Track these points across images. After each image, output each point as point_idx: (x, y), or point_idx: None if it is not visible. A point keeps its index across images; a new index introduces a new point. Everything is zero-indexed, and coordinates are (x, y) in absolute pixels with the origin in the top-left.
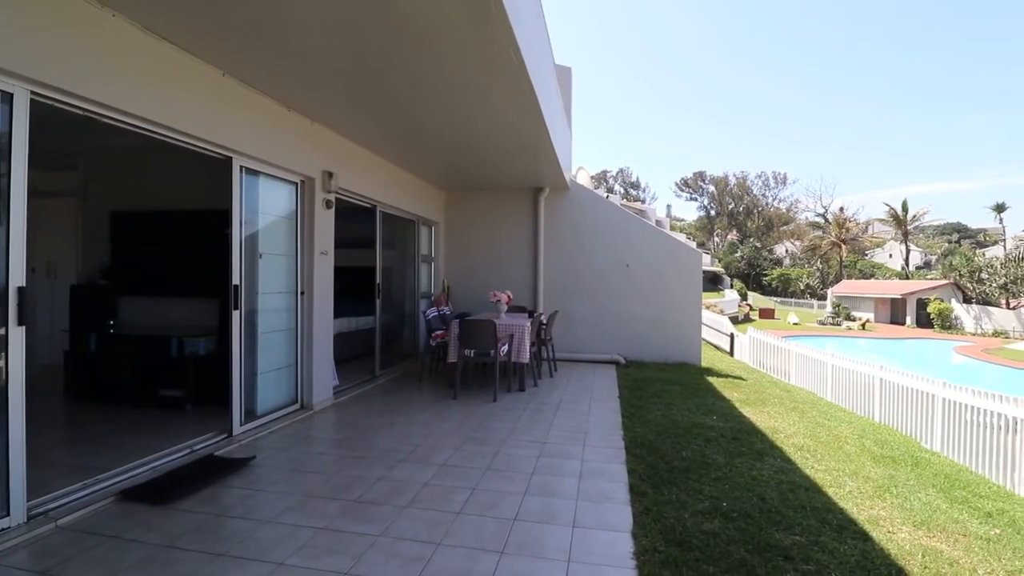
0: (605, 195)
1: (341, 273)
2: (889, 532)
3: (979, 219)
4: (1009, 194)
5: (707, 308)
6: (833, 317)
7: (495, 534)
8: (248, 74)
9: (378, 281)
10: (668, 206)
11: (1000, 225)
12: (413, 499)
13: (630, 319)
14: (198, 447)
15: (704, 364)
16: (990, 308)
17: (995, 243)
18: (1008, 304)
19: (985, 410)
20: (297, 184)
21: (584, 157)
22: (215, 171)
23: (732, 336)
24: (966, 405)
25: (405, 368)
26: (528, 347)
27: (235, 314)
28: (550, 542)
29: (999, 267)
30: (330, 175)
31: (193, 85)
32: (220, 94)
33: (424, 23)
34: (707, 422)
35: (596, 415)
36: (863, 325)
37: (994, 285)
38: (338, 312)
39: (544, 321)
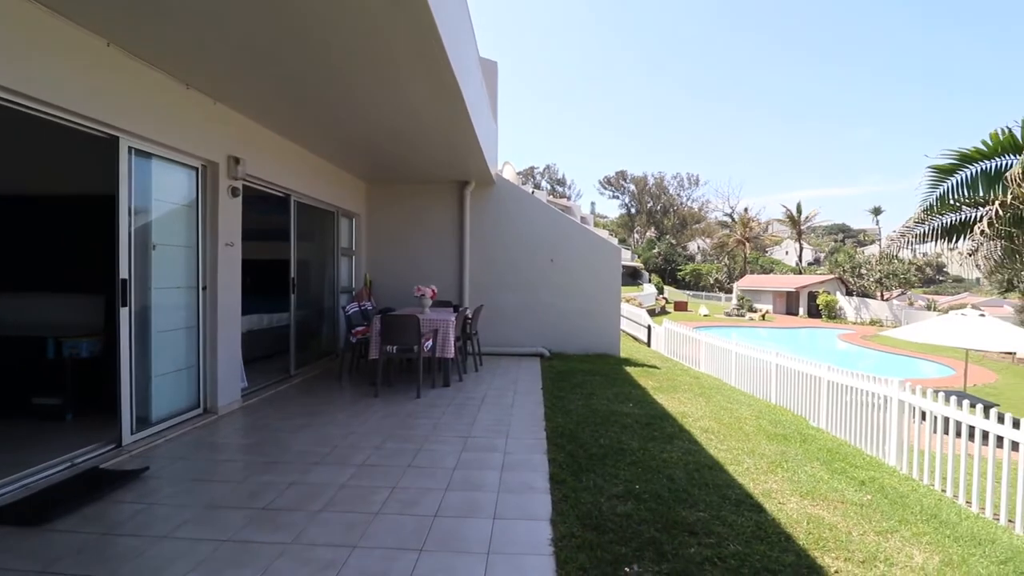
0: (531, 191)
1: (251, 266)
2: (780, 503)
3: (860, 221)
4: (885, 199)
5: (627, 301)
6: (738, 309)
7: (415, 532)
8: (138, 45)
9: (293, 275)
10: (592, 203)
11: (877, 226)
12: (329, 502)
13: (554, 312)
14: (80, 460)
15: (623, 355)
16: (868, 300)
17: (872, 242)
18: (882, 296)
19: (861, 390)
20: (198, 169)
21: (512, 153)
22: (100, 152)
23: (649, 328)
24: (846, 386)
25: (324, 367)
26: (453, 342)
27: (123, 311)
28: (471, 536)
29: (875, 264)
30: (237, 160)
31: (70, 54)
32: (104, 66)
33: None
34: (624, 410)
35: (520, 407)
36: (763, 316)
37: (871, 279)
38: (248, 308)
39: (469, 315)
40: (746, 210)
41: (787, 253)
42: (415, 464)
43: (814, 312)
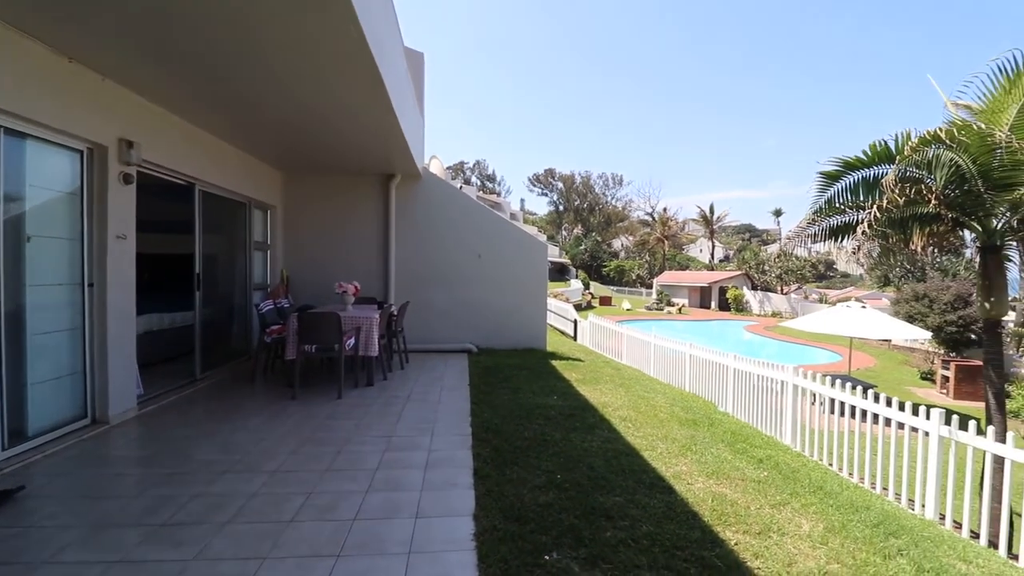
0: (460, 186)
1: (150, 261)
2: (688, 484)
3: (764, 221)
4: (786, 202)
5: (555, 297)
6: (657, 303)
7: (332, 537)
8: (10, 12)
9: (198, 271)
10: (522, 200)
11: (778, 227)
12: (237, 513)
13: (482, 308)
14: None
15: (550, 349)
16: (770, 294)
17: (774, 241)
18: (782, 290)
19: (761, 376)
20: (83, 152)
21: (442, 148)
22: None
23: (575, 322)
24: (748, 373)
25: (235, 369)
26: (377, 340)
27: None
28: (392, 536)
29: (775, 261)
30: (130, 144)
31: None
32: None
33: None
34: (549, 402)
35: (446, 404)
36: (680, 309)
37: (773, 275)
38: (145, 307)
39: (395, 312)
40: (665, 210)
41: (701, 251)
42: (334, 467)
43: (724, 306)
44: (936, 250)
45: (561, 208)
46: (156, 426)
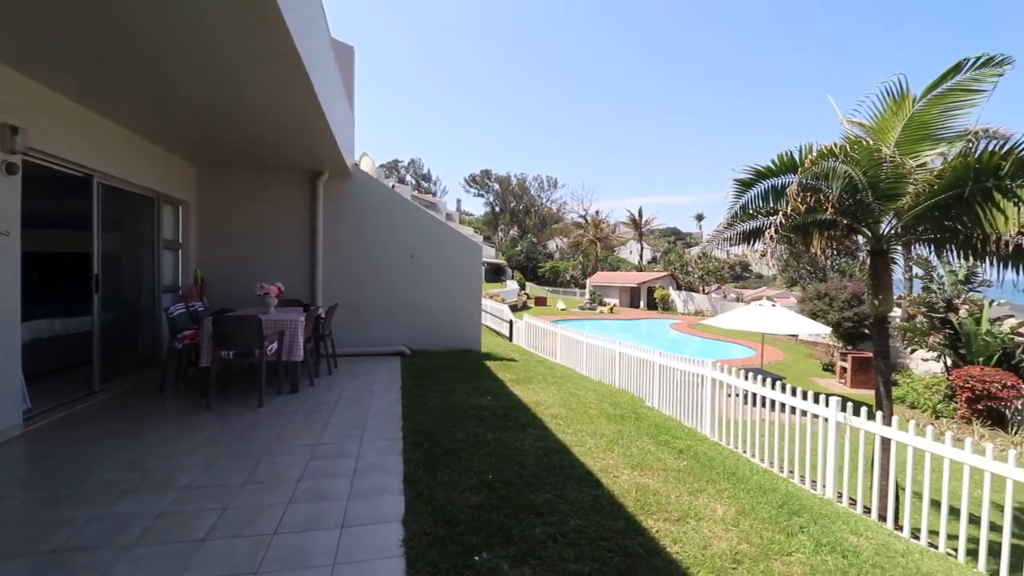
0: (393, 185)
1: (40, 261)
2: (615, 477)
3: (688, 225)
4: (706, 207)
5: (491, 297)
6: (590, 303)
7: (250, 554)
8: None
9: (97, 271)
10: (458, 200)
11: (700, 230)
12: (143, 535)
13: (416, 309)
14: None
15: (485, 349)
16: (694, 293)
17: (697, 244)
18: (704, 290)
19: (684, 371)
20: None
21: (375, 145)
22: None
23: (511, 323)
24: (672, 369)
25: (141, 379)
26: (302, 344)
27: None
28: (316, 548)
29: (697, 263)
30: (13, 130)
31: None
32: None
33: None
34: (482, 403)
35: (377, 409)
36: (611, 309)
37: (695, 276)
38: (33, 312)
39: (322, 314)
40: (597, 213)
41: (631, 252)
42: (254, 480)
43: (652, 305)
44: (835, 253)
45: (497, 209)
46: (46, 443)
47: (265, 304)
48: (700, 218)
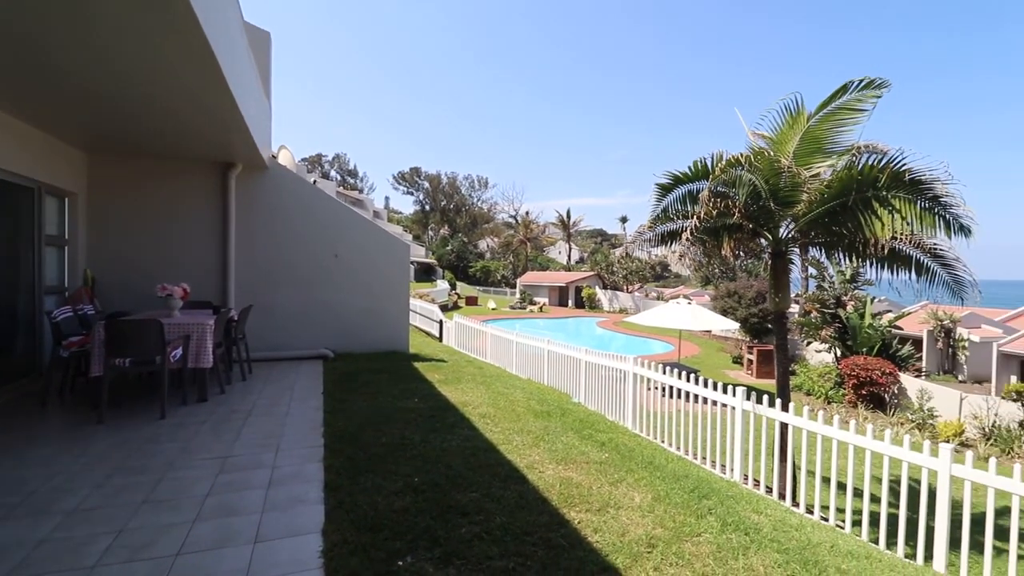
0: (314, 180)
1: None
2: (540, 472)
3: (613, 227)
4: (630, 210)
5: (420, 297)
6: (520, 302)
7: None
8: None
9: None
10: (387, 198)
11: (624, 232)
12: (18, 567)
13: (340, 310)
14: None
15: (413, 350)
16: (618, 292)
17: (621, 245)
18: (628, 289)
19: (608, 367)
20: None
21: (298, 139)
22: None
23: (441, 323)
24: (597, 365)
25: (18, 391)
26: (212, 349)
27: None
28: (224, 567)
29: (621, 263)
30: None
31: None
32: None
33: None
34: (409, 405)
35: (295, 416)
36: (541, 308)
37: (620, 276)
38: None
39: (235, 317)
40: (527, 213)
41: (560, 253)
42: (153, 498)
43: (580, 304)
44: (743, 254)
45: (427, 208)
46: None
47: (168, 307)
48: (624, 220)
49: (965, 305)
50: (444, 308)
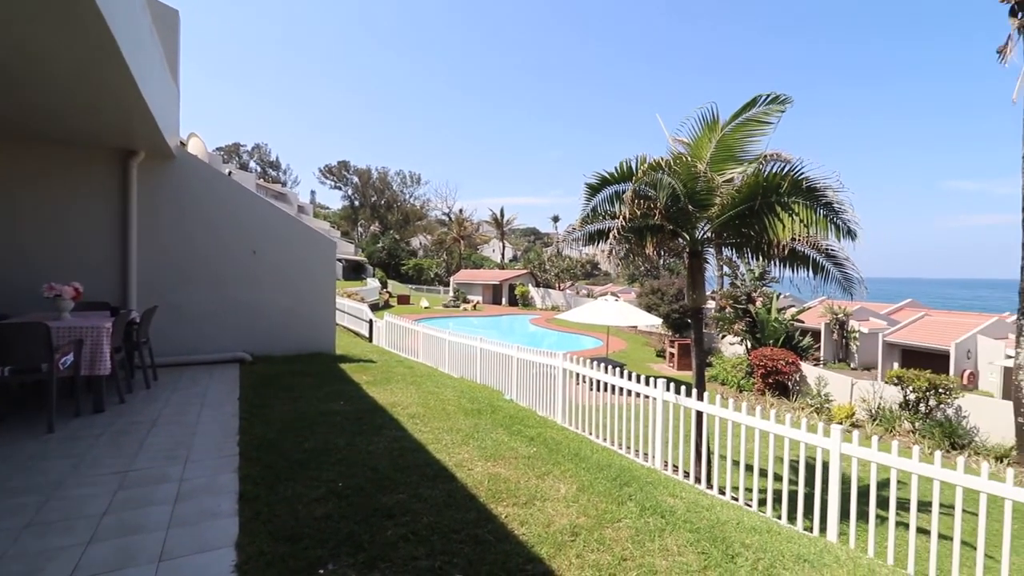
0: (229, 172)
1: None
2: (469, 470)
3: (546, 226)
4: (564, 209)
5: (349, 296)
6: (454, 301)
7: None
8: None
9: None
10: (312, 192)
11: (556, 231)
12: None
13: (259, 311)
14: None
15: (340, 352)
16: (551, 290)
17: (553, 244)
18: (560, 287)
19: (538, 363)
20: None
21: (216, 128)
22: None
23: (371, 322)
24: (530, 362)
25: None
26: (109, 354)
27: None
28: None
29: (553, 261)
30: None
31: None
32: None
33: None
34: (334, 408)
35: (207, 424)
36: (475, 306)
37: (552, 274)
38: None
39: (137, 319)
40: (461, 211)
41: (494, 251)
42: (40, 520)
43: (513, 301)
44: (665, 253)
45: (357, 203)
46: None
47: (57, 308)
48: (556, 219)
49: (855, 300)
50: (374, 307)
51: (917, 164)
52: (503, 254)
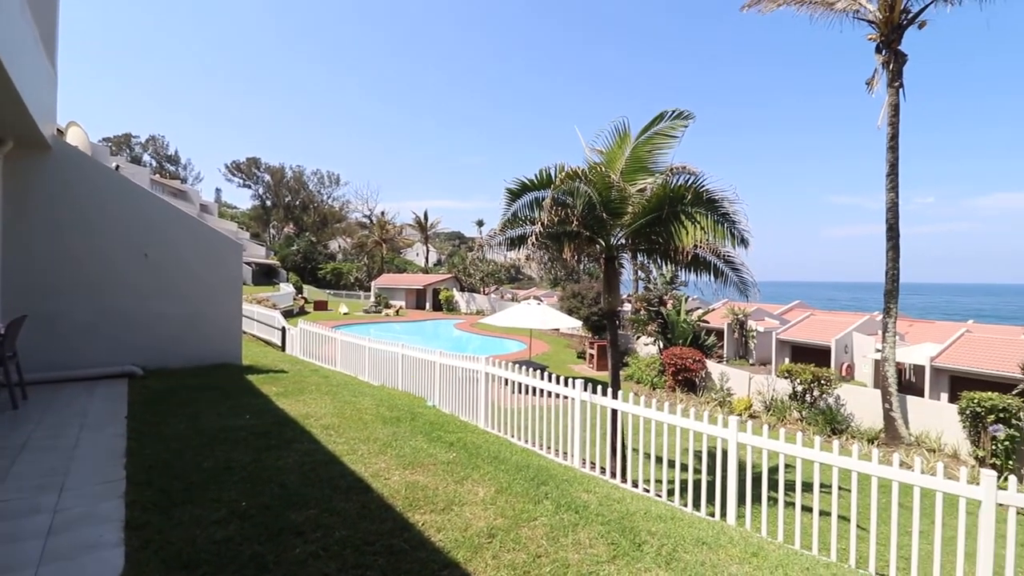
0: (116, 166)
1: None
2: (386, 479)
3: (470, 230)
4: (487, 214)
5: (259, 303)
6: (376, 306)
7: None
8: None
9: None
10: (218, 190)
11: (480, 235)
12: None
13: (152, 320)
14: None
15: (248, 362)
16: (475, 294)
17: (476, 248)
18: (484, 291)
19: (462, 368)
20: None
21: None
22: None
23: (284, 330)
24: (453, 367)
25: None
26: None
27: None
28: None
29: (477, 265)
30: None
31: None
32: None
33: None
34: (238, 423)
35: (87, 447)
36: (397, 311)
37: (477, 278)
38: None
39: (1, 330)
40: (383, 213)
41: (417, 255)
42: None
43: (438, 306)
44: (583, 259)
45: (269, 203)
46: None
47: None
48: (481, 224)
49: (750, 301)
50: (288, 314)
51: (805, 179)
52: (427, 258)
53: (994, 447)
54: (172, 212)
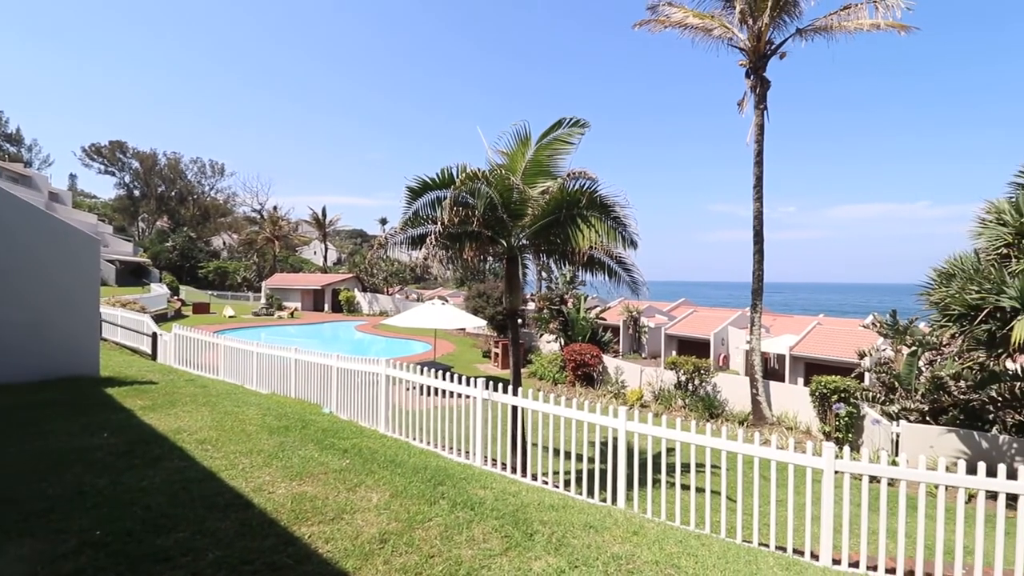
0: None
1: None
2: (270, 493)
3: (373, 228)
4: (391, 212)
5: (124, 306)
6: (267, 308)
7: None
8: None
9: None
10: (73, 176)
11: (383, 234)
12: None
13: None
14: None
15: (107, 373)
16: (379, 295)
17: (379, 246)
18: (388, 291)
19: (361, 372)
20: None
21: None
22: None
23: (155, 336)
24: (351, 371)
25: None
26: None
27: None
28: None
29: (381, 264)
30: None
31: None
32: None
33: None
34: (94, 442)
35: None
36: (292, 314)
37: (380, 278)
38: None
39: None
40: (275, 208)
41: (315, 253)
42: None
43: (337, 307)
44: (486, 259)
45: (137, 193)
46: None
47: None
48: (384, 222)
49: (640, 299)
50: (162, 318)
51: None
52: (326, 256)
53: (837, 423)
54: (11, 200)
